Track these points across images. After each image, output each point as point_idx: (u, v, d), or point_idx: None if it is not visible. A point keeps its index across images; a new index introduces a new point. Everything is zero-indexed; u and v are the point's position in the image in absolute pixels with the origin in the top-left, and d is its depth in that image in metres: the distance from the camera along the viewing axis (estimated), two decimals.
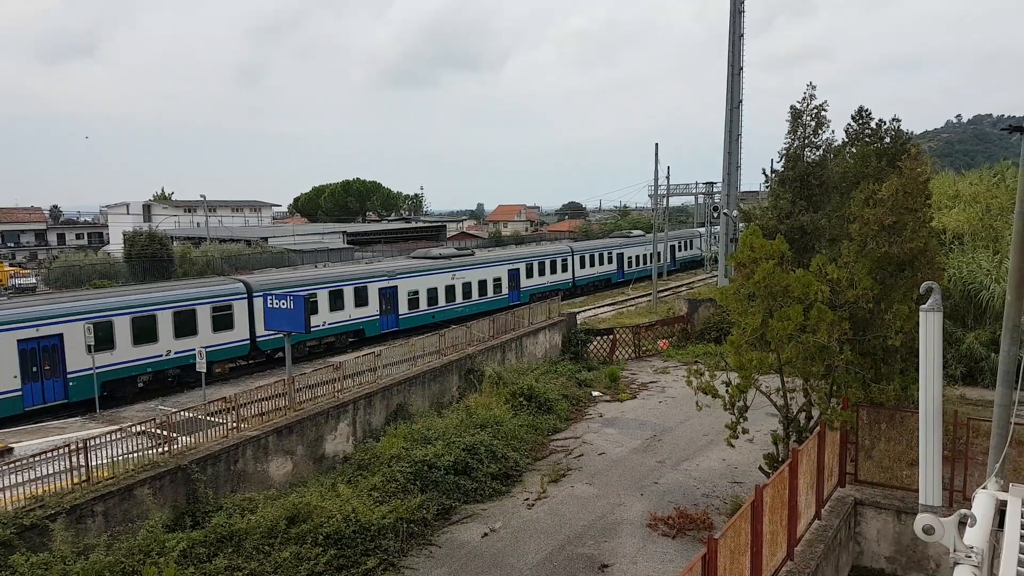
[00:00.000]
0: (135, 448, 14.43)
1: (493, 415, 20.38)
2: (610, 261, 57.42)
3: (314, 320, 28.87)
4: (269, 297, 21.02)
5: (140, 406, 25.80)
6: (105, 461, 13.88)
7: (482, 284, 43.31)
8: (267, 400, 17.51)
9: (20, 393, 23.74)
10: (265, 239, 72.87)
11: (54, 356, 24.52)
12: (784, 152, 26.75)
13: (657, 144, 48.63)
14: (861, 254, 15.23)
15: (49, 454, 13.25)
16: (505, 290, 45.22)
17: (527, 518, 15.80)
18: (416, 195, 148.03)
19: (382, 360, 21.02)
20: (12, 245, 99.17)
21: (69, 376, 24.72)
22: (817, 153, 26.48)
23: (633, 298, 50.95)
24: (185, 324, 27.90)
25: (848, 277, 14.42)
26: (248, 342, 30.19)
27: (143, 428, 14.87)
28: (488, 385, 23.22)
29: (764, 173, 29.56)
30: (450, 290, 40.69)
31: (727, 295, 15.14)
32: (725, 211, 44.72)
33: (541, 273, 49.32)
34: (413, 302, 38.18)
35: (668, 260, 65.37)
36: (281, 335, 21.68)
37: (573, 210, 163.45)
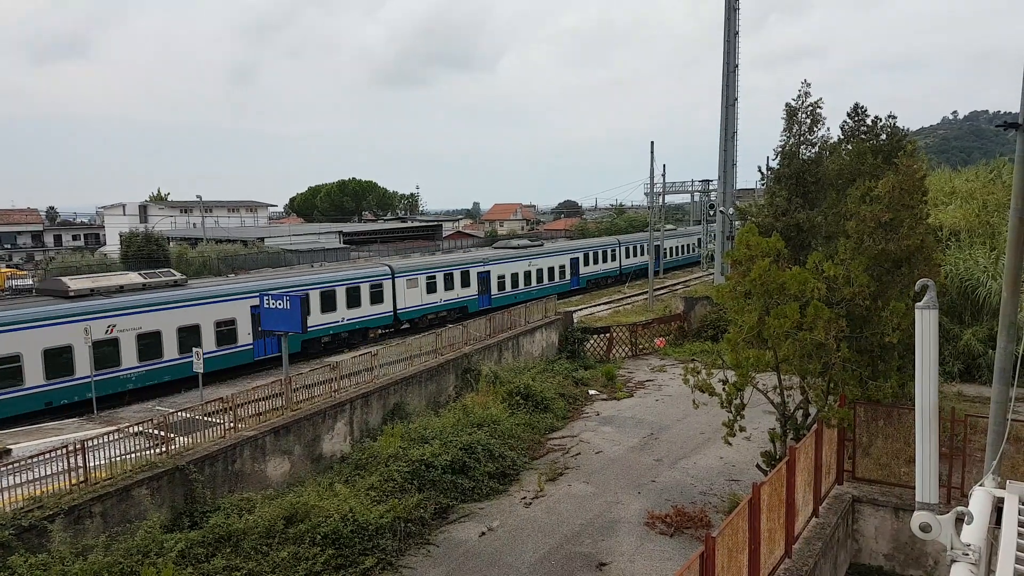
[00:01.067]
0: (133, 449, 14.41)
1: (490, 414, 20.38)
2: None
3: (434, 297, 39.74)
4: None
5: (137, 407, 25.75)
6: (103, 462, 13.85)
7: (551, 270, 50.20)
8: (264, 400, 17.49)
9: (252, 347, 30.21)
10: (261, 239, 72.76)
11: None
12: (780, 149, 26.77)
13: (653, 143, 49.00)
14: (858, 251, 15.26)
15: (47, 455, 13.22)
16: (568, 276, 52.19)
17: (524, 517, 15.80)
18: (412, 194, 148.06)
19: (379, 360, 21.01)
20: (9, 247, 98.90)
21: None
22: (813, 150, 26.51)
23: (630, 296, 50.98)
24: (352, 297, 34.84)
25: (845, 274, 14.44)
26: (392, 314, 37.21)
27: (141, 429, 14.84)
28: (485, 384, 23.21)
29: (760, 171, 29.62)
30: (527, 275, 47.69)
31: (724, 293, 15.15)
32: (721, 209, 44.76)
33: (595, 262, 55.97)
34: (501, 284, 45.17)
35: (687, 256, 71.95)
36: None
37: (569, 209, 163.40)
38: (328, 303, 33.49)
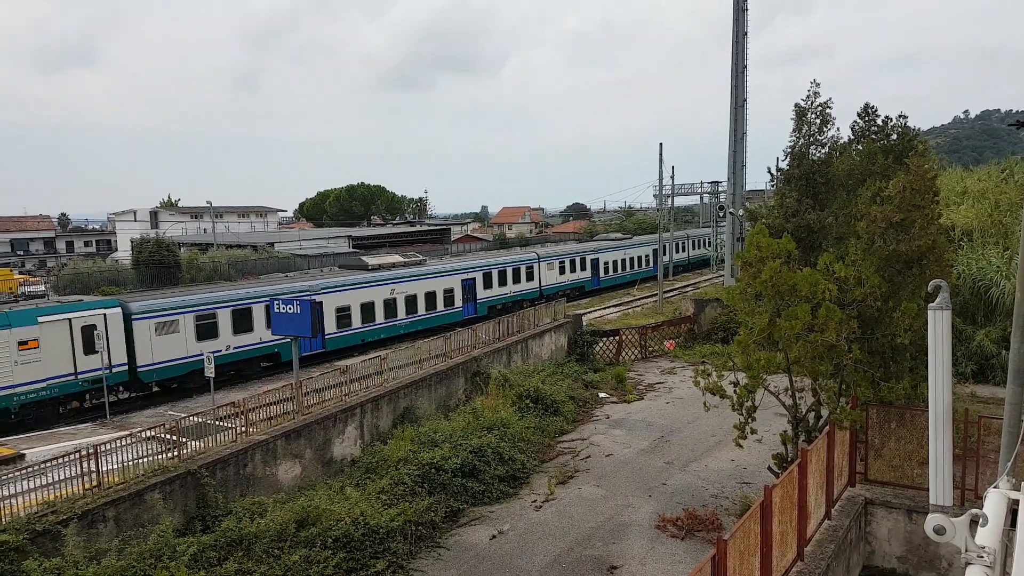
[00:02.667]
0: (145, 453, 14.49)
1: (500, 417, 20.37)
2: (684, 249, 71.12)
3: (563, 278, 50.92)
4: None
5: (150, 412, 25.91)
6: (116, 466, 13.94)
7: (638, 259, 60.18)
8: (275, 404, 17.55)
9: (462, 309, 40.97)
10: (271, 244, 73.04)
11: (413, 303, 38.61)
12: (789, 150, 26.66)
13: (661, 144, 49.01)
14: (869, 252, 15.18)
15: (60, 460, 13.31)
16: (651, 264, 60.90)
17: (535, 520, 15.79)
18: (420, 198, 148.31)
19: (388, 363, 21.05)
20: (21, 253, 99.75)
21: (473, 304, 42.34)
22: (823, 151, 26.38)
23: (639, 299, 50.86)
24: (516, 276, 46.14)
25: (856, 275, 14.35)
26: (537, 289, 47.90)
27: (153, 433, 14.94)
28: (494, 387, 23.21)
29: (770, 172, 29.54)
30: (623, 262, 58.20)
31: (734, 295, 15.09)
32: (731, 210, 44.61)
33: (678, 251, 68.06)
34: (606, 269, 55.78)
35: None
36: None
37: (577, 211, 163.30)
38: (502, 280, 45.00)
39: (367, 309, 34.80)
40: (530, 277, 47.40)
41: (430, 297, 38.61)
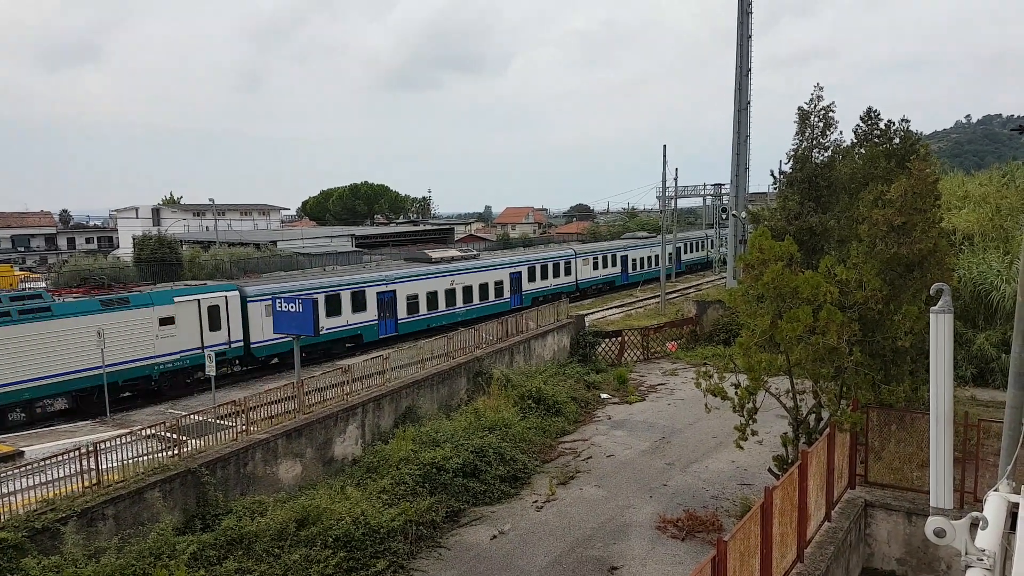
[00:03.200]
0: (145, 451, 14.49)
1: (501, 417, 20.38)
2: (689, 251, 73.84)
3: (596, 273, 54.64)
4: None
5: (150, 409, 25.94)
6: (115, 464, 13.95)
7: (690, 245, 69.97)
8: (276, 403, 17.56)
9: (509, 300, 44.87)
10: (274, 242, 73.07)
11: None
12: (792, 153, 26.64)
13: (665, 147, 49.16)
14: (870, 255, 15.19)
15: (60, 457, 13.33)
16: (679, 261, 66.49)
17: (536, 520, 15.80)
18: (424, 198, 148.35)
19: (391, 363, 21.06)
20: (23, 249, 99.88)
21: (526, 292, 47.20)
22: (825, 154, 26.36)
23: (641, 300, 50.88)
24: (555, 271, 49.90)
25: (857, 278, 14.36)
26: (574, 284, 51.99)
27: (153, 431, 14.95)
28: (496, 387, 23.22)
29: (772, 174, 29.46)
30: (647, 260, 61.19)
31: (736, 297, 15.10)
32: (734, 212, 44.61)
33: (688, 252, 70.74)
34: (633, 265, 59.21)
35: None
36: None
37: (581, 212, 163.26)
38: (544, 274, 48.60)
39: (432, 298, 38.89)
40: (568, 272, 51.22)
41: (483, 288, 42.58)
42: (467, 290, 41.27)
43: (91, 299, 25.74)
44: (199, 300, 27.96)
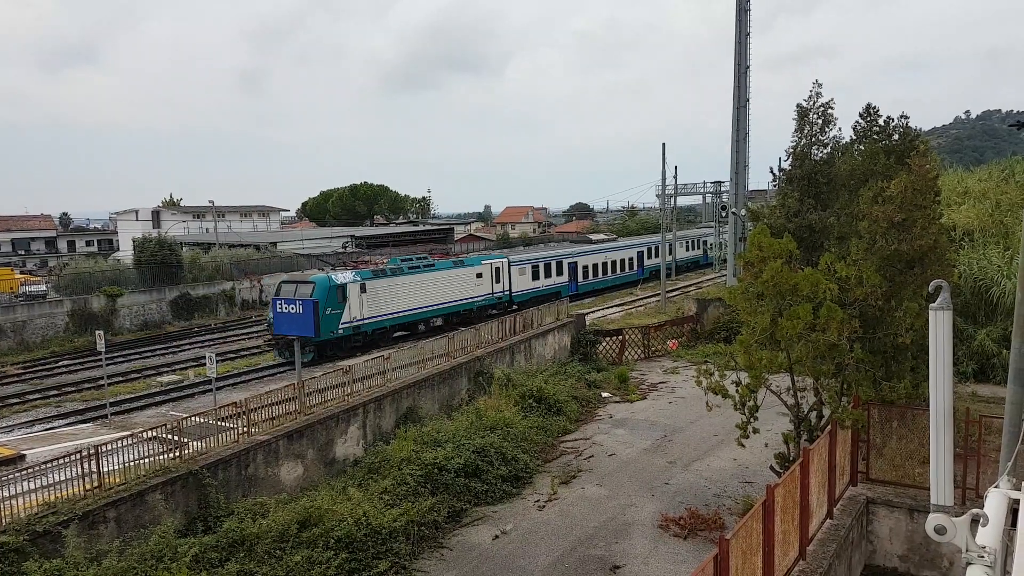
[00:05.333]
0: (146, 454, 14.49)
1: (503, 417, 20.38)
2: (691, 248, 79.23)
3: (655, 261, 59.84)
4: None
5: (151, 412, 25.96)
6: (117, 467, 13.95)
7: (652, 251, 72.04)
8: (277, 404, 17.57)
9: (638, 272, 59.53)
10: (274, 244, 73.09)
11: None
12: (791, 150, 26.62)
13: (664, 144, 49.05)
14: (870, 252, 15.18)
15: (61, 460, 13.33)
16: (703, 254, 74.47)
17: (538, 520, 15.80)
18: (424, 198, 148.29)
19: (391, 363, 21.07)
20: (23, 252, 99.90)
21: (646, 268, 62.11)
22: (825, 151, 26.35)
23: (642, 298, 50.86)
24: (650, 255, 61.83)
25: (857, 275, 14.35)
26: (641, 271, 61.22)
27: (154, 434, 14.95)
28: (497, 387, 23.22)
29: (772, 172, 29.42)
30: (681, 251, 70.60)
31: (736, 295, 15.10)
32: (733, 210, 44.59)
33: (687, 250, 74.33)
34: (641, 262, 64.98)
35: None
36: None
37: (580, 211, 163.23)
38: (650, 255, 61.72)
39: (595, 267, 54.77)
40: (656, 255, 60.70)
41: (622, 263, 58.36)
42: (614, 263, 56.97)
43: (449, 260, 43.70)
44: (492, 264, 44.30)
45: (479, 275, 43.07)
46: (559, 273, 50.85)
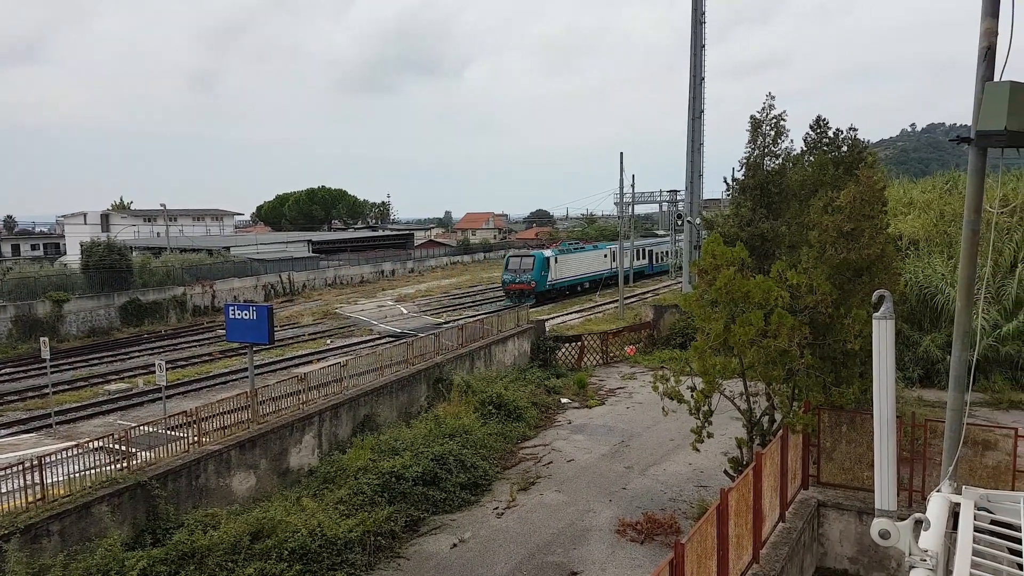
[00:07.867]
0: (93, 464, 14.04)
1: (462, 424, 20.30)
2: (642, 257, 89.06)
3: (655, 262, 72.42)
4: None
5: (98, 421, 25.18)
6: (61, 478, 13.49)
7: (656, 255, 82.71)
8: (230, 413, 17.19)
9: (648, 265, 70.97)
10: (227, 248, 71.70)
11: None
12: (744, 161, 27.20)
13: (622, 154, 49.40)
14: (820, 260, 15.55)
15: (1, 472, 12.84)
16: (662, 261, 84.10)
17: (496, 527, 15.76)
18: (383, 203, 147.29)
19: (348, 370, 20.82)
20: None
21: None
22: (776, 162, 26.98)
23: (600, 305, 51.27)
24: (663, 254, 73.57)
25: (807, 283, 14.70)
26: (662, 265, 72.89)
27: (101, 444, 14.48)
28: (457, 394, 23.13)
29: (726, 181, 30.04)
30: (657, 255, 76.78)
31: (691, 301, 15.33)
32: (689, 219, 45.26)
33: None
34: (657, 258, 73.68)
35: None
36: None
37: (540, 217, 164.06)
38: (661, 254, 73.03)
39: (648, 254, 70.18)
40: (667, 256, 71.59)
41: (654, 254, 71.27)
42: (651, 253, 70.19)
43: (592, 245, 65.73)
44: (611, 249, 61.31)
45: (605, 255, 61.67)
46: (642, 257, 69.00)
